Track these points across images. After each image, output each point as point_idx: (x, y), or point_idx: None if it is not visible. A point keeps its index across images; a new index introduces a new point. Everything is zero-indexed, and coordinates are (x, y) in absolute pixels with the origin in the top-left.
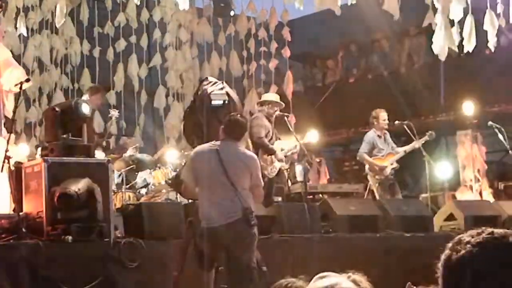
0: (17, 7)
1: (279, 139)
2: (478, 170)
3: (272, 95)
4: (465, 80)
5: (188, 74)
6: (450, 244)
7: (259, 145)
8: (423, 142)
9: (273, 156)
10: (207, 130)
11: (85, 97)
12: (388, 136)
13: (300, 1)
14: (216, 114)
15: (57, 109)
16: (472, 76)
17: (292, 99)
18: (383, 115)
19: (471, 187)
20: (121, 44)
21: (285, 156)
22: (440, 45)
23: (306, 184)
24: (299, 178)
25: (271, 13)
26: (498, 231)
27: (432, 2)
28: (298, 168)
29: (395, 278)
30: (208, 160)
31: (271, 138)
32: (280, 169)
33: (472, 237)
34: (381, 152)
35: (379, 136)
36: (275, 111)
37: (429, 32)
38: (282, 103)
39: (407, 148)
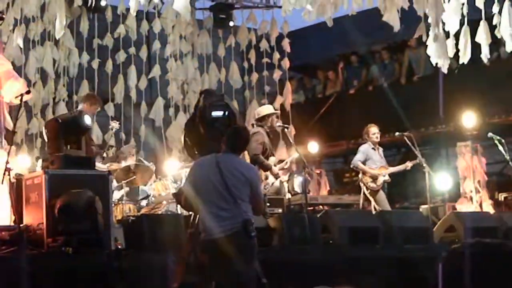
0: (14, 18)
1: (273, 155)
2: (479, 181)
3: (267, 108)
4: (465, 91)
5: (190, 86)
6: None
7: (255, 162)
8: (412, 165)
9: (268, 173)
10: (207, 142)
11: (81, 106)
12: (381, 151)
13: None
14: (216, 125)
15: (60, 120)
16: (472, 88)
17: (292, 110)
18: (372, 130)
19: (471, 198)
20: (121, 55)
21: (282, 169)
22: (437, 57)
23: (307, 195)
24: (298, 189)
25: (271, 24)
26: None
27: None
28: (298, 180)
29: None
30: (208, 172)
31: (268, 155)
32: (280, 181)
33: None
34: (375, 164)
35: (374, 149)
36: (277, 122)
37: None
38: (278, 111)
39: (397, 169)
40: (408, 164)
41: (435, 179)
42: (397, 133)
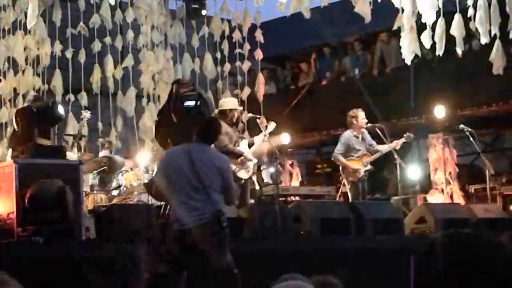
0: None
1: (243, 138)
2: (450, 173)
3: (231, 102)
4: (436, 83)
5: (162, 76)
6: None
7: (225, 153)
8: (401, 143)
9: (242, 158)
10: (179, 132)
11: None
12: (366, 135)
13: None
14: (189, 115)
15: (34, 109)
16: (444, 80)
17: (264, 101)
18: (361, 114)
19: (442, 190)
20: (96, 45)
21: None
22: (408, 49)
23: (278, 186)
24: (268, 181)
25: (244, 15)
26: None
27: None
28: (270, 170)
29: (366, 280)
30: (179, 162)
31: (235, 142)
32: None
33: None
34: (357, 153)
35: (356, 136)
36: (238, 115)
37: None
38: (240, 107)
39: (384, 148)
40: (398, 142)
41: (407, 170)
42: (368, 124)
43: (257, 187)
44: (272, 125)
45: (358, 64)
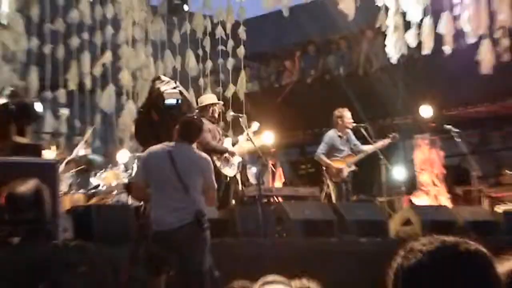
0: None
1: (227, 136)
2: (436, 175)
3: (209, 98)
4: (423, 83)
5: (142, 73)
6: (401, 252)
7: (209, 150)
8: (387, 144)
9: (226, 154)
10: (160, 131)
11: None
12: (350, 135)
13: None
14: (170, 114)
15: (10, 105)
16: (430, 79)
17: (246, 99)
18: (347, 114)
19: (427, 192)
20: (74, 41)
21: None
22: (393, 48)
23: (261, 186)
24: (253, 180)
25: (227, 11)
26: (450, 239)
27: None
28: (252, 170)
29: (349, 283)
30: (160, 161)
31: (219, 140)
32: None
33: (424, 246)
34: (340, 153)
35: (340, 137)
36: (219, 110)
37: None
38: (221, 102)
39: (369, 148)
40: (384, 142)
41: (392, 171)
42: (354, 124)
43: (241, 187)
44: (255, 125)
45: (343, 62)
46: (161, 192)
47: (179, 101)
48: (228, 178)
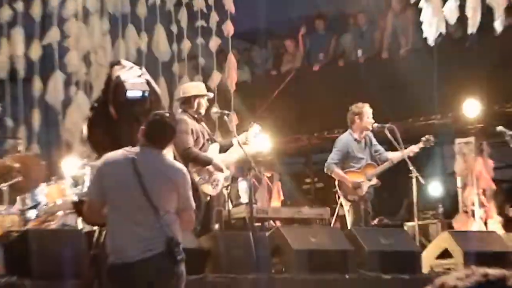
0: None
1: (214, 140)
2: (483, 191)
3: (195, 87)
4: (467, 70)
5: (97, 56)
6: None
7: (188, 159)
8: (418, 150)
9: (210, 167)
10: (120, 132)
11: None
12: (371, 139)
13: None
14: (133, 110)
15: None
16: (478, 66)
17: (235, 91)
18: (367, 110)
19: (473, 214)
20: (3, 12)
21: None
22: (430, 24)
23: (252, 206)
24: (244, 199)
25: None
26: (495, 272)
27: None
28: (242, 186)
29: None
30: (120, 172)
31: (203, 145)
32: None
33: (460, 280)
34: (358, 163)
35: (357, 141)
36: (203, 106)
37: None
38: (210, 94)
39: (396, 156)
40: (415, 149)
41: (426, 187)
42: (375, 125)
43: (230, 206)
44: (255, 129)
45: (362, 43)
46: (122, 213)
47: (146, 94)
48: (208, 198)
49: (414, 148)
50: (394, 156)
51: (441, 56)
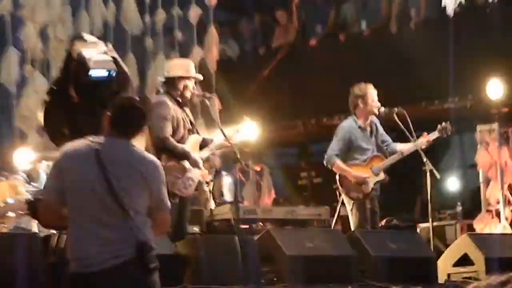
0: None
1: (197, 133)
2: (509, 187)
3: (180, 66)
4: (490, 45)
5: (56, 30)
6: None
7: (163, 149)
8: (433, 140)
9: (186, 163)
10: (82, 119)
11: None
12: (377, 126)
13: None
14: (97, 93)
15: None
16: (502, 40)
17: (219, 70)
18: (372, 92)
19: (497, 213)
20: None
21: (207, 160)
22: None
23: (238, 206)
24: (228, 196)
25: None
26: None
27: None
28: (227, 181)
29: None
30: (83, 166)
31: (183, 136)
32: (199, 181)
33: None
34: (363, 154)
35: (362, 129)
36: (189, 90)
37: None
38: (199, 76)
39: (407, 147)
40: (429, 138)
41: (442, 182)
42: (382, 109)
43: (213, 206)
44: (247, 124)
45: (366, 14)
46: (84, 215)
47: (112, 74)
48: (177, 199)
49: (429, 137)
50: (405, 147)
51: (459, 28)
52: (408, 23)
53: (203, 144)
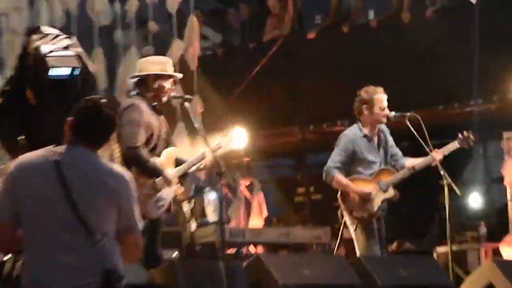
0: None
1: (172, 145)
2: None
3: (155, 63)
4: None
5: (9, 21)
6: None
7: (133, 161)
8: (448, 152)
9: (158, 180)
10: (40, 125)
11: None
12: (386, 137)
13: None
14: (58, 95)
15: None
16: None
17: (201, 67)
18: (380, 98)
19: None
20: None
21: (183, 175)
22: None
23: (224, 227)
24: (212, 216)
25: None
26: None
27: None
28: (210, 198)
29: None
30: (40, 180)
31: (155, 146)
32: (175, 199)
33: None
34: (369, 168)
35: (368, 138)
36: (166, 91)
37: None
38: (178, 74)
39: (421, 163)
40: (445, 152)
41: (463, 199)
42: (393, 113)
43: (193, 227)
44: (234, 131)
45: (374, 1)
46: (43, 237)
47: (75, 72)
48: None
49: (445, 150)
50: (418, 163)
51: (483, 18)
52: (423, 12)
53: (179, 162)
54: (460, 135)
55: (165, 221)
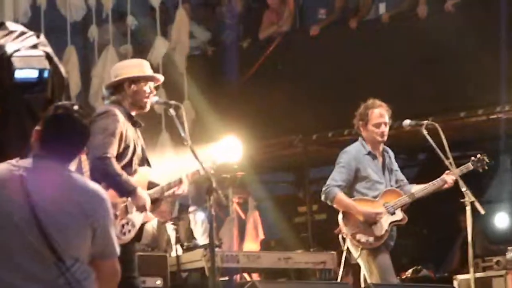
0: None
1: (147, 164)
2: None
3: (133, 66)
4: None
5: None
6: None
7: (101, 173)
8: (461, 173)
9: (128, 201)
10: (4, 135)
11: None
12: (391, 159)
13: None
14: (24, 100)
15: None
16: None
17: (190, 68)
18: (376, 113)
19: None
20: None
21: (155, 201)
22: None
23: (214, 251)
24: (201, 239)
25: None
26: None
27: None
28: (199, 218)
29: None
30: (3, 197)
31: (130, 162)
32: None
33: None
34: (374, 189)
35: (372, 155)
36: (146, 97)
37: None
38: (159, 76)
39: (430, 187)
40: (456, 175)
41: (488, 219)
42: (408, 122)
43: (179, 250)
44: (226, 141)
45: None
46: (5, 262)
47: (44, 74)
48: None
49: (457, 172)
50: (431, 188)
51: (510, 11)
52: (441, 5)
53: (151, 186)
54: (473, 158)
55: (148, 245)
